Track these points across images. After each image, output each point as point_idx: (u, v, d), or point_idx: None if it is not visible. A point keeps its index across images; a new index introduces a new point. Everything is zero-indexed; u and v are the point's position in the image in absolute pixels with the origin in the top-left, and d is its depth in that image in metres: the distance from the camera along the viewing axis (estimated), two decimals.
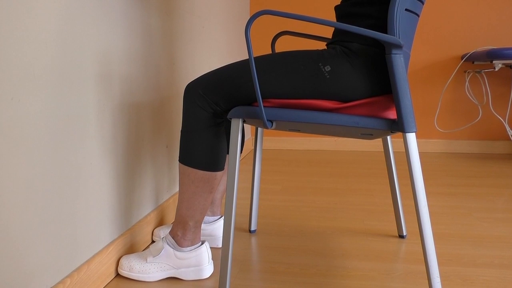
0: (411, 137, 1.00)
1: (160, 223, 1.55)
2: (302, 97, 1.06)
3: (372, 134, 1.12)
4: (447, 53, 3.15)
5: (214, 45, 2.28)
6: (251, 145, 3.39)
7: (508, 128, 2.90)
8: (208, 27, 2.15)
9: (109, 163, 1.21)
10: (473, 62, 2.98)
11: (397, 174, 2.49)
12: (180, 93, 1.76)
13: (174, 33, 1.69)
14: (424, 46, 3.17)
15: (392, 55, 0.98)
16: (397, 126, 1.00)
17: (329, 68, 1.03)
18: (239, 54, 2.92)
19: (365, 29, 0.95)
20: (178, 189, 1.78)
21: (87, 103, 1.09)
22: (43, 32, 0.91)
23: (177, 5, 1.71)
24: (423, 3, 1.11)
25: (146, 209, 1.46)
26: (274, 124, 1.08)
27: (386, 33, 1.03)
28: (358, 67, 1.03)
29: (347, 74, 1.03)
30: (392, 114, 1.08)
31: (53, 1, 0.95)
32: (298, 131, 1.19)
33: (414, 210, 1.78)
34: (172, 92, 1.68)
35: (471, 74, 3.12)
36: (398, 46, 0.97)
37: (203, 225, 1.43)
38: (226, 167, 1.38)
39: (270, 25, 3.32)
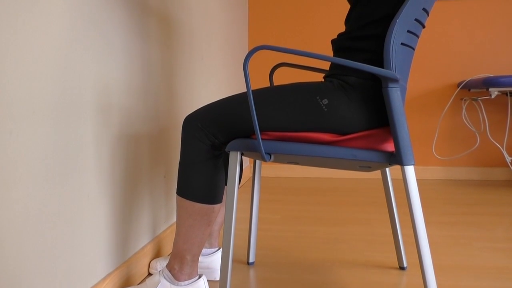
0: (410, 170, 1.00)
1: (157, 254, 1.53)
2: (300, 130, 1.06)
3: (370, 167, 1.12)
4: (443, 81, 3.18)
5: (213, 76, 2.31)
6: (250, 172, 3.39)
7: (506, 155, 2.90)
8: (207, 58, 2.17)
9: (106, 195, 1.20)
10: (469, 90, 3.00)
11: (396, 202, 2.48)
12: (178, 123, 1.77)
13: (173, 64, 1.70)
14: (421, 74, 3.20)
15: (389, 88, 0.99)
16: (395, 159, 1.00)
17: (327, 101, 1.04)
18: (237, 84, 2.94)
19: (361, 64, 0.96)
20: (175, 220, 1.76)
21: (86, 135, 1.09)
22: (43, 66, 0.92)
23: (177, 38, 1.74)
24: (418, 37, 1.13)
25: (143, 240, 1.45)
26: (272, 157, 1.08)
27: (383, 67, 1.04)
28: (355, 100, 1.04)
29: (345, 107, 1.04)
30: (390, 147, 1.09)
31: (55, 37, 0.96)
32: (297, 163, 1.19)
33: (414, 240, 1.77)
34: (171, 122, 1.69)
35: (468, 101, 3.14)
36: (395, 80, 0.98)
37: (200, 258, 1.41)
38: (224, 198, 1.38)
39: (268, 56, 3.36)
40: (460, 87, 2.99)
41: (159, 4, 1.55)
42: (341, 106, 1.04)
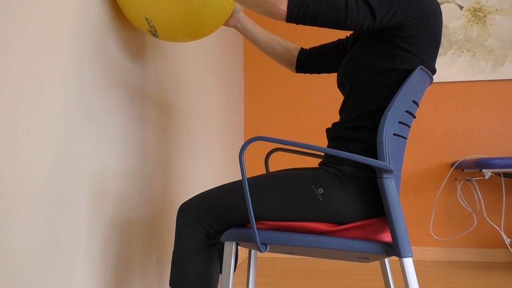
0: (408, 262, 0.98)
1: None
2: (296, 219, 1.06)
3: (368, 258, 1.10)
4: (436, 161, 3.22)
5: (209, 158, 2.33)
6: (245, 252, 3.31)
7: (504, 237, 2.87)
8: (203, 139, 2.21)
9: (97, 283, 1.16)
10: (463, 170, 3.03)
11: (395, 285, 2.40)
12: (173, 207, 1.75)
13: (169, 147, 1.72)
14: (414, 154, 3.25)
15: (383, 179, 1.00)
16: (393, 250, 0.98)
17: (322, 191, 1.04)
18: (233, 165, 2.97)
19: (356, 155, 0.98)
20: None
21: (78, 224, 1.08)
22: (38, 157, 0.93)
23: (173, 121, 1.78)
24: (409, 127, 1.16)
25: None
26: (268, 247, 1.06)
27: (376, 156, 1.06)
28: (350, 190, 1.04)
29: (340, 197, 1.04)
30: (387, 237, 1.07)
31: (51, 127, 0.98)
32: (292, 253, 1.17)
33: None
34: (166, 206, 1.67)
35: (462, 181, 3.16)
36: (389, 171, 0.99)
37: None
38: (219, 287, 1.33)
39: (263, 141, 3.42)
40: (453, 168, 3.02)
41: (156, 90, 1.60)
42: (336, 195, 1.04)
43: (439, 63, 3.19)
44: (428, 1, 1.07)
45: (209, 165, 2.34)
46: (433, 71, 1.12)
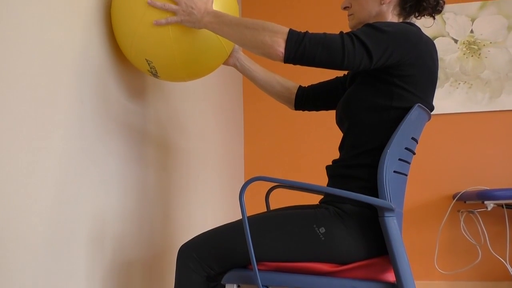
0: None
1: None
2: (298, 260, 1.04)
3: None
4: (438, 192, 3.21)
5: (209, 195, 2.32)
6: None
7: (510, 269, 2.82)
8: (203, 177, 2.20)
9: None
10: (465, 202, 3.01)
11: None
12: (173, 248, 1.73)
13: (169, 186, 1.72)
14: (415, 186, 3.23)
15: (385, 218, 0.99)
16: None
17: (324, 230, 1.03)
18: (233, 202, 2.95)
19: (356, 194, 0.97)
20: None
21: (78, 266, 1.06)
22: (38, 198, 0.93)
23: (173, 159, 1.78)
24: (409, 163, 1.16)
25: None
26: None
27: (377, 194, 1.05)
28: (352, 229, 1.03)
29: (342, 236, 1.03)
30: (391, 276, 1.06)
31: (51, 172, 0.98)
32: None
33: None
34: (166, 247, 1.65)
35: (465, 213, 3.13)
36: (390, 210, 0.98)
37: None
38: None
39: (264, 173, 3.41)
40: (455, 199, 3.00)
41: (156, 129, 1.61)
42: (338, 235, 1.03)
43: (437, 95, 3.21)
44: (423, 41, 1.08)
45: (210, 203, 2.32)
46: (431, 108, 1.13)
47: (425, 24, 1.35)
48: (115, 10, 1.22)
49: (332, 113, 3.41)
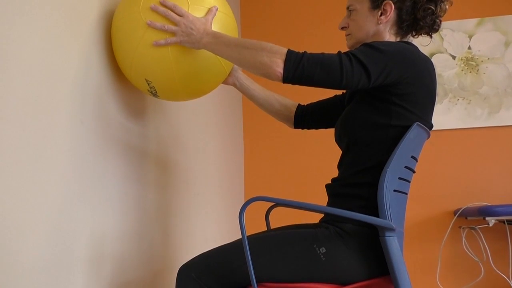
0: None
1: None
2: (299, 280, 1.03)
3: None
4: (439, 208, 3.19)
5: (209, 213, 2.31)
6: None
7: None
8: (203, 194, 2.20)
9: None
10: (466, 218, 3.00)
11: None
12: (173, 268, 1.72)
13: (169, 205, 1.71)
14: (415, 202, 3.22)
15: (386, 237, 0.98)
16: None
17: (324, 250, 1.03)
18: (233, 220, 2.94)
19: (356, 214, 0.97)
20: None
21: (76, 286, 1.05)
22: (37, 219, 0.92)
23: (173, 178, 1.77)
24: (409, 182, 1.16)
25: None
26: None
27: (377, 213, 1.05)
28: (353, 249, 1.02)
29: (343, 256, 1.02)
30: None
31: (50, 193, 0.98)
32: None
33: None
34: (165, 265, 1.64)
35: (467, 230, 3.11)
36: (391, 229, 0.98)
37: None
38: None
39: (264, 192, 3.40)
40: (456, 216, 2.98)
41: (156, 147, 1.61)
42: (339, 255, 1.02)
43: (436, 111, 3.22)
44: (421, 59, 1.09)
45: (210, 221, 2.31)
46: (430, 127, 1.13)
47: (422, 42, 1.36)
48: (115, 30, 1.23)
49: (332, 131, 3.41)
